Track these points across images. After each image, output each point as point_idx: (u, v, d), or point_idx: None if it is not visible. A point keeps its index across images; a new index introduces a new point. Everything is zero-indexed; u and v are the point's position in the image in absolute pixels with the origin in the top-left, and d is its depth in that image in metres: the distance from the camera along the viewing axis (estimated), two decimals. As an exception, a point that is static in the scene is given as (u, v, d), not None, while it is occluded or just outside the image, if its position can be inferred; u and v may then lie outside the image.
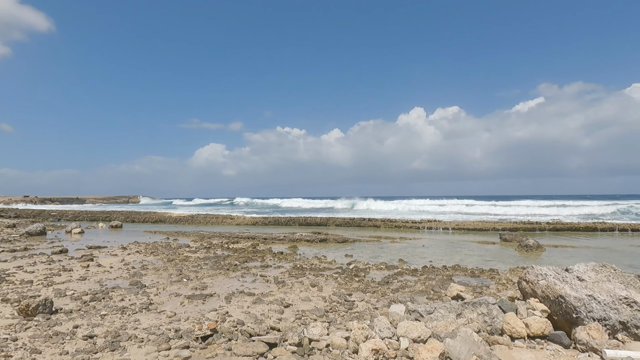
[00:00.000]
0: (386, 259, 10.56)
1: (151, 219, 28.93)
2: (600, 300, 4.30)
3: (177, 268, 8.63)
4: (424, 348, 3.55)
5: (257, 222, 25.64)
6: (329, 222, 24.09)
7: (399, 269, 8.82)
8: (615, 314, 4.17)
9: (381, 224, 22.67)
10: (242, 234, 17.12)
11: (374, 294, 6.50)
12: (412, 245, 14.03)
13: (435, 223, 21.68)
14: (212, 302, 5.88)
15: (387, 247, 13.32)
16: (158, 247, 12.66)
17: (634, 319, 4.10)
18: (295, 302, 5.97)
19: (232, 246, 13.25)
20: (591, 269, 4.97)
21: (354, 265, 9.22)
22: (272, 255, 11.04)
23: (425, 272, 8.38)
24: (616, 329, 4.15)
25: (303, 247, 13.46)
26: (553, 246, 13.38)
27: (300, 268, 8.78)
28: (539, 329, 4.10)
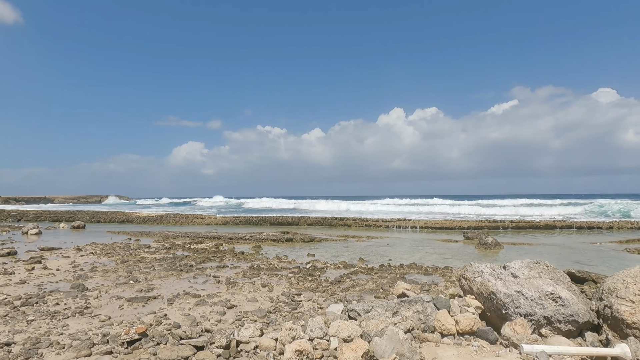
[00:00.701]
0: (347, 258, 10.58)
1: (118, 219, 28.00)
2: (528, 296, 4.42)
3: (128, 270, 8.34)
4: (348, 347, 3.53)
5: (227, 221, 25.26)
6: (300, 222, 24.01)
7: (356, 267, 8.85)
8: (541, 309, 4.30)
9: (352, 223, 22.79)
10: (208, 234, 16.79)
11: (323, 293, 6.48)
12: (377, 244, 14.15)
13: (405, 222, 21.98)
14: (154, 305, 5.70)
15: (352, 246, 13.38)
16: (116, 248, 12.22)
17: (557, 313, 4.24)
18: (240, 303, 5.87)
19: (195, 246, 12.96)
20: (525, 265, 5.10)
21: (311, 264, 9.18)
22: (233, 255, 10.86)
23: (381, 270, 8.44)
24: (541, 323, 4.27)
25: (268, 246, 13.33)
26: (511, 244, 13.80)
27: (256, 268, 8.66)
28: (467, 326, 4.16)
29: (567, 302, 4.28)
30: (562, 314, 4.22)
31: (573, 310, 4.20)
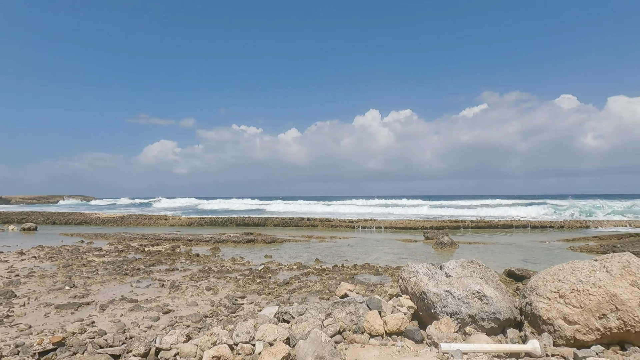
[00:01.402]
0: (304, 259, 10.55)
1: (75, 221, 26.69)
2: (456, 295, 4.53)
3: (69, 274, 7.92)
4: (268, 351, 3.48)
5: (192, 222, 24.64)
6: (267, 222, 23.78)
7: (310, 269, 8.83)
8: (466, 308, 4.41)
9: (319, 223, 22.81)
10: (167, 235, 16.29)
11: (268, 295, 6.40)
12: (339, 244, 14.21)
13: (371, 222, 22.24)
14: (84, 312, 5.42)
15: (313, 247, 13.36)
16: (63, 251, 11.61)
17: (481, 312, 4.37)
18: (179, 307, 5.69)
19: (150, 249, 12.53)
20: (459, 265, 5.23)
21: (265, 266, 9.07)
22: (187, 257, 10.57)
23: (333, 271, 8.46)
24: (466, 322, 4.39)
25: (227, 248, 13.08)
26: (467, 243, 14.24)
27: (207, 271, 8.45)
28: (395, 326, 4.21)
29: (491, 300, 4.42)
30: (485, 312, 4.36)
31: (495, 308, 4.35)
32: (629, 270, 4.01)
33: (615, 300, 3.77)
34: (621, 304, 3.73)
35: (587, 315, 3.86)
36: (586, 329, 3.85)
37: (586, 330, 3.85)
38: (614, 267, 4.16)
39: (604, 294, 3.85)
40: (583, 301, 3.93)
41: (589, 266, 4.37)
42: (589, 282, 4.04)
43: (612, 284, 3.90)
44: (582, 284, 4.05)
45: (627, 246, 11.47)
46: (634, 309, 3.67)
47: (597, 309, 3.83)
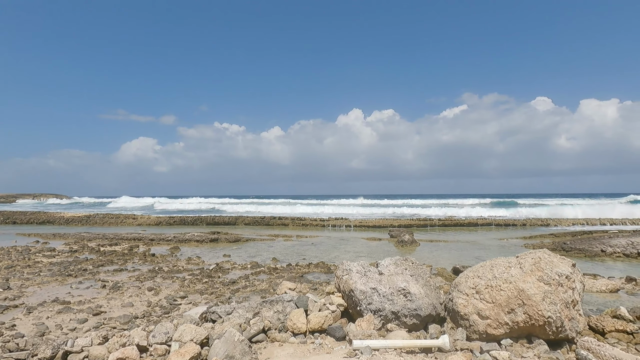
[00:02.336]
0: (262, 258, 10.51)
1: (38, 220, 25.67)
2: (381, 292, 4.61)
3: (7, 276, 7.60)
4: (176, 352, 3.44)
5: (161, 222, 24.12)
6: (237, 221, 23.55)
7: (263, 267, 8.79)
8: (390, 305, 4.49)
9: (290, 222, 22.78)
10: (129, 235, 15.88)
11: (210, 295, 6.33)
12: (304, 243, 14.22)
13: (341, 221, 22.38)
14: (9, 315, 5.21)
15: (277, 246, 13.32)
16: (12, 252, 11.14)
17: (404, 308, 4.46)
18: (113, 309, 5.55)
19: (107, 248, 12.18)
20: (393, 263, 5.32)
21: (218, 265, 8.98)
22: (142, 257, 10.34)
23: (285, 270, 8.46)
24: (389, 318, 4.47)
25: (189, 247, 12.88)
26: (429, 241, 14.53)
27: (156, 271, 8.29)
28: (317, 324, 4.25)
29: (415, 297, 4.52)
30: (408, 309, 4.45)
31: (417, 304, 4.44)
32: (539, 266, 4.18)
33: (522, 296, 3.92)
34: (527, 298, 3.88)
35: (497, 310, 4.00)
36: (496, 323, 3.99)
37: (496, 324, 3.99)
38: (526, 263, 4.33)
39: (514, 289, 4.00)
40: (495, 297, 4.07)
41: (506, 263, 4.53)
42: (502, 278, 4.19)
43: (522, 279, 4.05)
44: (496, 280, 4.20)
45: (576, 243, 11.98)
46: (538, 304, 3.83)
47: (506, 304, 3.97)
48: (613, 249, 10.75)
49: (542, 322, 3.80)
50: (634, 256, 10.41)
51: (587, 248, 11.10)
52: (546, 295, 3.86)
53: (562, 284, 4.02)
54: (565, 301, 3.94)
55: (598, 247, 11.01)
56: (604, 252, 10.73)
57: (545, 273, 4.04)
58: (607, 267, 9.39)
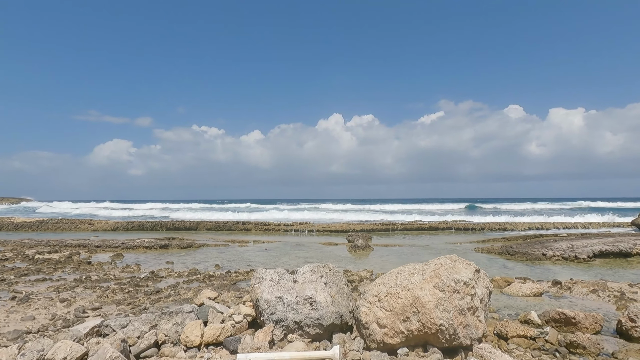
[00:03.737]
0: (205, 265, 10.18)
1: (-17, 226, 24.10)
2: (287, 301, 4.45)
3: None
4: (34, 373, 3.15)
5: (118, 227, 23.18)
6: (199, 227, 22.94)
7: (200, 275, 8.48)
8: (294, 314, 4.34)
9: (253, 227, 22.39)
10: (75, 241, 15.10)
11: (127, 305, 6.00)
12: (258, 248, 13.95)
13: (305, 225, 22.20)
14: None
15: (228, 252, 12.99)
16: None
17: (307, 317, 4.32)
18: (10, 323, 5.14)
19: (44, 256, 11.48)
20: (311, 269, 5.18)
21: (153, 273, 8.59)
22: (76, 265, 9.78)
23: (221, 277, 8.18)
24: (291, 328, 4.32)
25: (135, 254, 12.35)
26: (384, 245, 14.58)
27: (82, 280, 7.83)
28: (212, 336, 4.04)
29: (320, 305, 4.39)
30: (311, 318, 4.31)
31: (321, 313, 4.31)
32: (438, 273, 4.15)
33: (417, 303, 3.86)
34: (422, 306, 3.82)
35: (394, 319, 3.92)
36: (393, 332, 3.91)
37: (393, 333, 3.91)
38: (429, 270, 4.29)
39: (410, 297, 3.93)
40: (392, 305, 3.99)
41: (411, 269, 4.48)
42: (402, 285, 4.13)
43: (420, 286, 4.00)
44: (396, 288, 4.13)
45: (522, 247, 12.28)
46: (431, 311, 3.77)
47: (402, 311, 3.90)
48: (553, 253, 11.09)
49: (434, 330, 3.74)
50: (572, 259, 10.77)
51: (529, 252, 11.40)
52: (439, 303, 3.81)
53: (459, 291, 4.00)
54: (460, 308, 3.91)
55: (540, 251, 11.33)
56: (545, 256, 11.05)
57: (441, 280, 4.00)
58: (544, 270, 9.63)
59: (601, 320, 4.84)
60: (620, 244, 11.61)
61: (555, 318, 4.95)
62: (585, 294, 6.71)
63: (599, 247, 11.29)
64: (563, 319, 4.89)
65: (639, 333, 4.50)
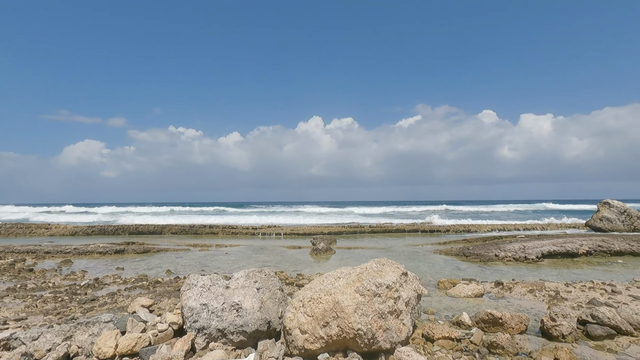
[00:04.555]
0: (157, 271, 9.87)
1: None
2: (212, 308, 4.34)
3: None
4: None
5: (77, 231, 22.20)
6: (164, 230, 22.31)
7: (146, 282, 8.20)
8: (218, 322, 4.23)
9: (220, 230, 21.99)
10: (23, 247, 14.32)
11: (56, 315, 5.69)
12: (219, 253, 13.67)
13: (273, 228, 22.01)
14: None
15: (186, 257, 12.66)
16: None
17: (231, 325, 4.22)
18: None
19: (-16, 264, 10.80)
20: (245, 275, 5.08)
21: (94, 281, 8.24)
22: (16, 273, 9.25)
23: (167, 284, 7.94)
24: (214, 336, 4.21)
25: (86, 260, 11.83)
26: (347, 248, 14.62)
27: (16, 289, 7.40)
28: (127, 347, 3.87)
29: (245, 312, 4.30)
30: (235, 325, 4.21)
31: (245, 320, 4.23)
32: (361, 277, 4.15)
33: (337, 308, 3.84)
34: (341, 310, 3.81)
35: (314, 324, 3.89)
36: (313, 337, 3.87)
37: (313, 339, 3.87)
38: (353, 274, 4.28)
39: (331, 302, 3.91)
40: (314, 310, 3.96)
41: (338, 273, 4.46)
42: (325, 290, 4.10)
43: (342, 291, 3.98)
44: (319, 293, 4.10)
45: (477, 248, 12.60)
46: (349, 316, 3.76)
47: (322, 317, 3.87)
48: (505, 254, 11.43)
49: (352, 335, 3.73)
50: (522, 260, 11.14)
51: (483, 253, 11.71)
52: (358, 307, 3.81)
53: (381, 295, 4.01)
54: (381, 312, 3.92)
55: (493, 252, 11.66)
56: (497, 257, 11.38)
57: (362, 284, 4.00)
58: (494, 270, 9.90)
59: (526, 320, 4.99)
60: (568, 244, 12.13)
61: (485, 319, 5.06)
62: (523, 294, 6.93)
63: (548, 248, 11.74)
64: (491, 319, 5.00)
65: (558, 332, 4.67)
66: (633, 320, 5.01)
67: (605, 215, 20.68)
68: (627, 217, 20.28)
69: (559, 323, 4.70)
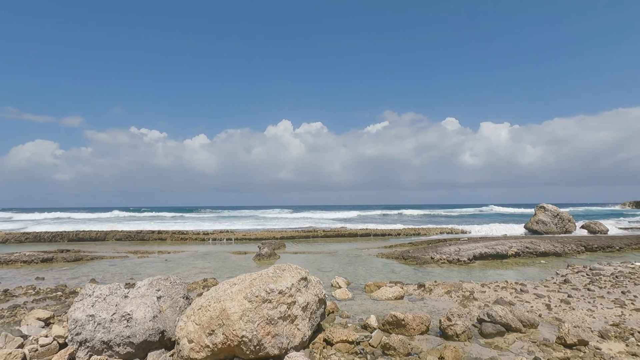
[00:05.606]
0: (82, 280, 9.35)
1: None
2: (99, 319, 4.14)
3: None
4: None
5: (8, 239, 20.54)
6: (107, 237, 21.20)
7: (61, 292, 7.71)
8: (104, 334, 4.04)
9: (169, 236, 21.22)
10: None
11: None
12: (157, 260, 13.17)
13: (225, 234, 21.56)
14: None
15: (121, 265, 12.08)
16: None
17: (118, 336, 4.04)
18: None
19: None
20: (149, 283, 4.90)
21: (2, 292, 7.64)
22: None
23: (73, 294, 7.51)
24: (98, 349, 4.01)
25: (6, 270, 10.97)
26: (293, 253, 14.61)
27: None
28: (-8, 364, 3.61)
29: (135, 322, 4.14)
30: (122, 337, 4.04)
31: (133, 331, 4.07)
32: (253, 283, 4.13)
33: (223, 315, 3.79)
34: (227, 318, 3.76)
35: (200, 333, 3.81)
36: (199, 346, 3.79)
37: (199, 347, 3.79)
38: (248, 280, 4.26)
39: (218, 309, 3.86)
40: (201, 318, 3.89)
41: (236, 280, 4.42)
42: (216, 297, 4.04)
43: (231, 298, 3.94)
44: (210, 300, 4.03)
45: (417, 251, 13.01)
46: (234, 323, 3.72)
47: (208, 324, 3.81)
48: (440, 256, 11.89)
49: (237, 342, 3.70)
50: (455, 262, 11.64)
51: (420, 256, 12.12)
52: (244, 314, 3.78)
53: (271, 300, 4.01)
54: (270, 318, 3.91)
55: (429, 255, 12.09)
56: (433, 259, 11.81)
57: (252, 290, 3.99)
58: (425, 272, 10.26)
59: (427, 321, 5.19)
60: (499, 247, 12.83)
61: (389, 321, 5.21)
62: (440, 295, 7.22)
63: (480, 250, 12.36)
64: (395, 321, 5.15)
65: (452, 331, 4.89)
66: (525, 317, 5.36)
67: (541, 218, 22.12)
68: (560, 220, 21.82)
69: (454, 323, 4.93)
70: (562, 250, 13.42)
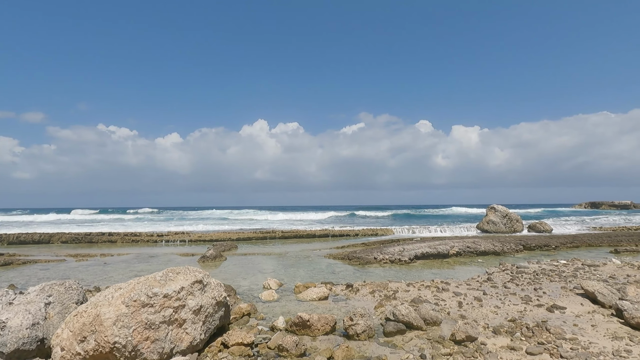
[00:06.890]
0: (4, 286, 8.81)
1: None
2: (-32, 329, 3.90)
3: None
4: None
5: (-60, 242, 19.12)
6: (52, 239, 20.15)
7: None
8: (-29, 344, 3.82)
9: (119, 238, 20.45)
10: None
11: None
12: (96, 263, 12.65)
13: (179, 235, 21.04)
14: None
15: (54, 269, 11.51)
16: None
17: (-13, 346, 3.83)
18: None
19: None
20: (40, 288, 4.68)
21: None
22: None
23: None
24: (-38, 360, 3.79)
25: None
26: (243, 254, 14.46)
27: None
28: None
29: (9, 330, 3.92)
30: (-9, 346, 3.83)
31: (4, 340, 3.85)
32: (135, 286, 4.03)
33: (96, 321, 3.67)
34: (100, 324, 3.65)
35: (72, 340, 3.68)
36: (70, 354, 3.65)
37: (70, 355, 3.65)
38: (133, 283, 4.15)
39: (92, 315, 3.73)
40: (75, 324, 3.75)
41: (125, 284, 4.30)
42: (94, 302, 3.91)
43: (109, 303, 3.83)
44: (88, 306, 3.90)
45: (363, 252, 13.21)
46: (107, 329, 3.62)
47: (80, 331, 3.67)
48: (383, 256, 12.13)
49: (109, 349, 3.59)
50: (397, 262, 11.91)
51: (364, 256, 12.31)
52: (119, 319, 3.68)
53: (153, 304, 3.92)
54: (150, 322, 3.83)
55: (372, 255, 12.31)
56: (376, 259, 12.03)
57: (131, 295, 3.89)
58: (364, 272, 10.42)
59: (332, 321, 5.26)
60: (441, 247, 13.25)
61: (296, 322, 5.24)
62: (365, 295, 7.35)
63: (422, 250, 12.72)
64: (301, 322, 5.19)
65: (353, 331, 4.98)
66: (429, 316, 5.54)
67: (491, 218, 23.07)
68: (508, 220, 22.85)
69: (356, 322, 5.02)
70: (501, 250, 14.04)
